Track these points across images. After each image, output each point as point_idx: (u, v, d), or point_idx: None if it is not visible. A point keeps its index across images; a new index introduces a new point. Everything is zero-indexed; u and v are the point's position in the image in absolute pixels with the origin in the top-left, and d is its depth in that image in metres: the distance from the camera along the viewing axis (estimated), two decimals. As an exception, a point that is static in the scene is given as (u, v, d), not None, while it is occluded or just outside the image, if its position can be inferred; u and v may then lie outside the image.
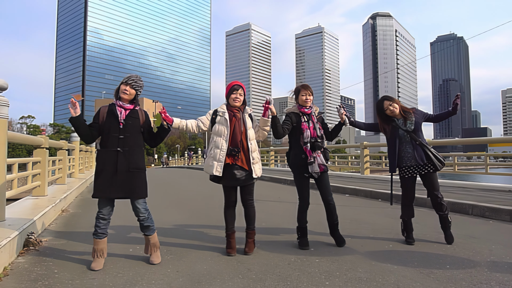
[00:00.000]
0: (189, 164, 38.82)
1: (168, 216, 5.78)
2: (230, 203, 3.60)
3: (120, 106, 3.22)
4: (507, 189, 7.56)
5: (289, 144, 4.00)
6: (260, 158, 3.63)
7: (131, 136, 3.19)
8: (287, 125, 3.83)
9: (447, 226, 3.95)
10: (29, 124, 75.84)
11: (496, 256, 3.42)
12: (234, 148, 3.43)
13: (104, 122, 3.20)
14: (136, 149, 3.22)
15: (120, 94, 3.22)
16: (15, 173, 5.19)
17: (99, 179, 3.12)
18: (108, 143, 3.15)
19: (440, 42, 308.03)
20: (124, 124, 3.17)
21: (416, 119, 3.93)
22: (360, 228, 4.69)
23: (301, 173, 3.82)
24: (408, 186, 4.01)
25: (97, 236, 3.17)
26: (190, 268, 3.12)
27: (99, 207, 3.19)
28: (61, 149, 8.96)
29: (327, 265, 3.17)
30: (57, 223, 5.18)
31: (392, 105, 3.95)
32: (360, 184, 9.34)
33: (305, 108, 3.86)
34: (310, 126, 3.81)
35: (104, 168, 3.12)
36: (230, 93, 3.54)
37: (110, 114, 3.20)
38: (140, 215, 3.25)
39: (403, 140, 3.94)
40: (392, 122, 3.99)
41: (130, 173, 3.15)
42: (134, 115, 3.26)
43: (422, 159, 3.85)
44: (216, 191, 9.73)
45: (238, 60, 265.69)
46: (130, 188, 3.14)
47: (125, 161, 3.13)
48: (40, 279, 2.86)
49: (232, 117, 3.51)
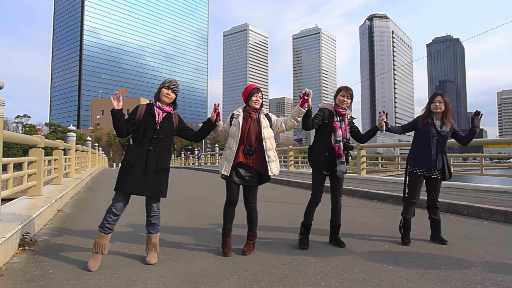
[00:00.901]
0: (185, 164, 38.75)
1: (165, 216, 5.75)
2: (231, 200, 3.59)
3: (159, 108, 3.34)
4: (502, 190, 7.61)
5: (314, 140, 4.03)
6: (276, 156, 3.66)
7: (164, 138, 3.31)
8: (317, 119, 3.87)
9: (439, 229, 4.05)
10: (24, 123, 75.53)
11: (490, 256, 3.44)
12: (251, 148, 3.49)
13: (141, 120, 3.30)
14: (165, 150, 3.33)
15: (161, 98, 3.36)
16: (11, 172, 5.16)
17: (127, 174, 3.19)
18: (142, 141, 3.25)
19: (437, 44, 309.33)
20: (160, 125, 3.29)
21: (450, 129, 3.99)
22: (356, 229, 4.71)
23: (320, 170, 3.86)
24: (417, 184, 4.06)
25: (103, 230, 3.18)
26: (186, 268, 3.12)
27: (113, 201, 3.21)
28: (57, 149, 8.92)
29: (323, 266, 3.18)
30: (52, 223, 5.16)
31: (441, 103, 3.96)
32: (357, 184, 9.37)
33: (340, 109, 3.90)
34: (342, 127, 3.86)
35: (134, 164, 3.19)
36: (251, 96, 3.60)
37: (148, 113, 3.32)
38: (152, 213, 3.35)
39: (431, 141, 3.98)
40: (429, 118, 4.02)
41: (157, 173, 3.25)
42: (169, 118, 3.39)
43: (439, 165, 3.94)
44: (213, 191, 9.72)
45: (235, 61, 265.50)
46: (155, 188, 3.25)
47: (154, 160, 3.24)
48: (35, 279, 2.84)
49: (248, 118, 3.58)
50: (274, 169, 3.57)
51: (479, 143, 9.99)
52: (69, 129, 12.42)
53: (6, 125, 70.90)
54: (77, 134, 51.19)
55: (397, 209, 5.78)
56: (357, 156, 12.80)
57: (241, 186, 3.61)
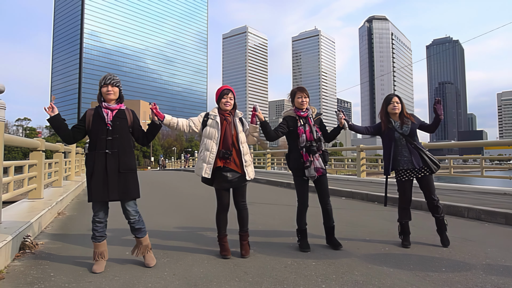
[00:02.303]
0: (185, 166, 38.74)
1: (165, 219, 5.77)
2: (223, 206, 3.60)
3: (106, 108, 3.18)
4: (502, 192, 7.61)
5: (288, 147, 4.02)
6: (252, 160, 3.66)
7: (119, 137, 3.16)
8: (282, 128, 3.86)
9: (443, 229, 3.98)
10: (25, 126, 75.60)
11: (491, 259, 3.44)
12: (227, 151, 3.44)
13: (91, 125, 3.17)
14: (126, 150, 3.19)
15: (104, 97, 3.19)
16: (11, 175, 5.17)
17: (92, 183, 3.10)
18: (97, 146, 3.12)
19: (436, 45, 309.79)
20: (111, 125, 3.14)
21: (413, 124, 3.97)
22: (356, 231, 4.71)
23: (300, 176, 3.84)
24: (404, 190, 4.03)
25: (96, 240, 3.16)
26: (186, 271, 3.12)
27: (94, 211, 3.16)
28: (58, 152, 8.93)
29: (323, 268, 3.18)
30: (53, 226, 5.16)
31: (398, 104, 3.99)
32: (357, 187, 9.37)
33: (301, 111, 3.87)
34: (307, 129, 3.81)
35: (95, 171, 3.08)
36: (221, 97, 3.57)
37: (97, 116, 3.17)
38: (130, 218, 3.22)
39: (399, 143, 3.97)
40: (388, 123, 4.02)
41: (121, 174, 3.13)
42: (121, 115, 3.22)
43: (418, 163, 3.90)
44: (212, 193, 9.71)
45: (235, 63, 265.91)
46: (123, 190, 3.13)
47: (115, 162, 3.10)
48: (36, 282, 2.85)
49: (223, 121, 3.54)
50: (251, 173, 3.57)
51: (480, 145, 9.96)
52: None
53: (7, 128, 70.91)
54: (77, 137, 51.04)
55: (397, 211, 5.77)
56: (357, 158, 12.80)
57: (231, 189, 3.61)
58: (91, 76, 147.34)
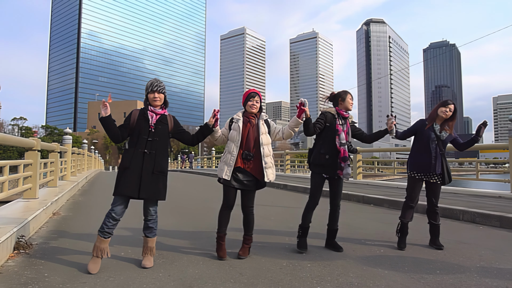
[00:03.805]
0: (182, 167, 38.67)
1: (161, 219, 5.74)
2: (227, 204, 3.60)
3: (152, 111, 3.35)
4: (497, 195, 7.65)
5: (314, 142, 4.03)
6: (273, 162, 3.67)
7: (159, 140, 3.32)
8: (319, 123, 3.87)
9: (437, 234, 4.04)
10: (21, 125, 75.20)
11: (485, 261, 3.46)
12: (250, 153, 3.50)
13: (135, 124, 3.32)
14: (162, 153, 3.33)
15: (151, 103, 3.36)
16: (6, 175, 5.14)
17: (124, 177, 3.20)
18: (137, 144, 3.26)
19: (433, 49, 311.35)
20: (154, 128, 3.31)
21: (449, 135, 4.01)
22: (352, 233, 4.72)
23: (320, 173, 3.86)
24: (416, 188, 4.06)
25: (103, 235, 3.18)
26: (181, 272, 3.12)
27: (113, 205, 3.21)
28: (53, 152, 8.89)
29: (318, 270, 3.19)
30: (48, 226, 5.13)
31: (451, 112, 3.94)
32: (353, 189, 9.38)
33: (344, 111, 3.93)
34: (344, 129, 3.88)
35: (130, 167, 3.21)
36: (247, 100, 3.61)
37: (142, 117, 3.33)
38: (149, 217, 3.34)
39: (430, 144, 4.00)
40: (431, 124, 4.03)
41: (154, 175, 3.26)
42: (164, 120, 3.40)
43: (437, 169, 3.94)
44: (209, 195, 9.70)
45: (233, 64, 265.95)
46: (153, 190, 3.25)
47: (151, 163, 3.25)
48: (30, 282, 2.83)
49: (247, 123, 3.59)
50: (271, 176, 3.58)
51: (475, 148, 9.98)
52: (66, 132, 12.37)
53: (2, 127, 70.55)
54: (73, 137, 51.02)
55: (393, 213, 5.78)
56: (353, 160, 12.83)
57: (239, 190, 3.62)
58: (88, 76, 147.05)
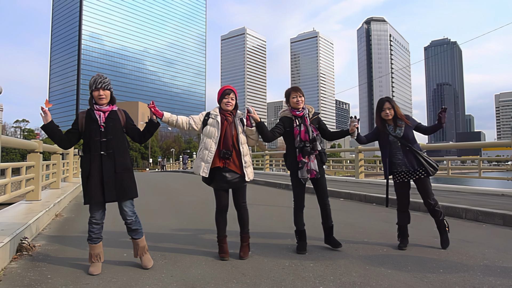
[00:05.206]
0: (184, 168, 38.69)
1: (163, 220, 5.76)
2: (221, 207, 3.60)
3: (98, 110, 3.18)
4: (500, 193, 7.63)
5: (286, 148, 4.01)
6: (252, 162, 3.66)
7: (114, 138, 3.17)
8: (278, 129, 3.84)
9: (443, 230, 3.96)
10: (23, 128, 75.47)
11: (489, 260, 3.45)
12: (228, 151, 3.44)
13: (84, 128, 3.17)
14: (120, 150, 3.19)
15: (96, 101, 3.19)
16: (9, 177, 5.16)
17: (88, 185, 3.09)
18: (91, 148, 3.11)
19: (434, 47, 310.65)
20: (105, 126, 3.14)
21: (407, 127, 3.95)
22: (354, 232, 4.71)
23: (297, 177, 3.83)
24: (400, 192, 4.03)
25: (92, 242, 3.16)
26: (184, 272, 3.12)
27: (91, 212, 3.16)
28: (55, 153, 8.91)
29: (321, 270, 3.18)
30: (50, 228, 5.15)
31: (390, 110, 3.96)
32: (355, 188, 9.37)
33: (297, 111, 3.86)
34: (302, 129, 3.78)
35: (91, 173, 3.09)
36: (222, 97, 3.56)
37: (89, 119, 3.17)
38: (127, 218, 3.22)
39: (394, 146, 3.97)
40: (383, 128, 4.01)
41: (117, 174, 3.13)
42: (114, 116, 3.22)
43: (412, 165, 3.88)
44: (210, 195, 9.69)
45: (233, 64, 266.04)
46: (120, 190, 3.13)
47: (110, 163, 3.11)
48: (33, 284, 2.84)
49: (224, 121, 3.53)
50: (250, 174, 3.57)
51: (478, 146, 10.02)
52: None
53: (5, 129, 70.80)
54: (75, 139, 50.93)
55: (395, 212, 5.76)
56: (355, 159, 12.81)
57: (230, 190, 3.61)
58: (89, 78, 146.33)
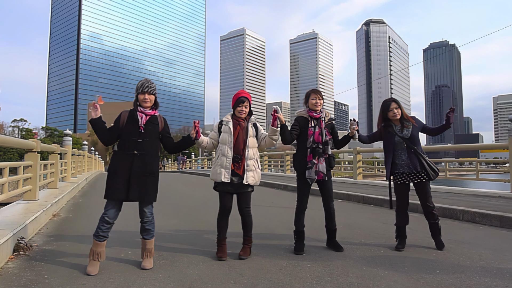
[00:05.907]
0: (182, 169, 38.63)
1: (160, 220, 5.74)
2: (224, 210, 3.61)
3: (141, 112, 3.29)
4: (497, 195, 7.64)
5: (297, 147, 4.03)
6: (259, 166, 3.66)
7: (149, 141, 3.26)
8: (295, 130, 3.88)
9: (437, 233, 3.99)
10: (21, 127, 75.29)
11: (485, 261, 3.46)
12: (238, 155, 3.51)
13: (124, 126, 3.27)
14: (152, 153, 3.28)
15: (141, 104, 3.30)
16: (6, 177, 5.14)
17: (113, 181, 3.16)
18: (126, 146, 3.21)
19: (433, 49, 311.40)
20: (144, 128, 3.25)
21: (414, 128, 3.96)
22: (352, 233, 4.71)
23: (303, 177, 3.85)
24: (400, 193, 4.04)
25: (98, 238, 3.18)
26: (181, 273, 3.12)
27: (105, 209, 3.19)
28: (53, 153, 8.89)
29: (318, 270, 3.19)
30: (48, 228, 5.13)
31: (398, 109, 3.97)
32: (353, 189, 9.38)
33: (314, 113, 3.90)
34: (316, 131, 3.83)
35: (119, 170, 3.16)
36: (236, 105, 3.62)
37: (131, 118, 3.28)
38: (145, 219, 3.31)
39: (399, 147, 3.97)
40: (389, 127, 4.02)
41: (144, 177, 3.20)
42: (154, 121, 3.34)
43: (415, 167, 3.90)
44: (209, 195, 9.69)
45: (233, 65, 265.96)
46: (143, 192, 3.20)
47: (140, 164, 3.19)
48: (30, 284, 2.83)
49: (237, 126, 3.60)
50: (250, 179, 3.56)
51: (475, 148, 10.02)
52: (66, 133, 12.36)
53: (2, 129, 70.63)
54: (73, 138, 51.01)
55: (393, 213, 5.78)
56: (353, 160, 12.82)
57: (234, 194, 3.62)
58: (88, 77, 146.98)
